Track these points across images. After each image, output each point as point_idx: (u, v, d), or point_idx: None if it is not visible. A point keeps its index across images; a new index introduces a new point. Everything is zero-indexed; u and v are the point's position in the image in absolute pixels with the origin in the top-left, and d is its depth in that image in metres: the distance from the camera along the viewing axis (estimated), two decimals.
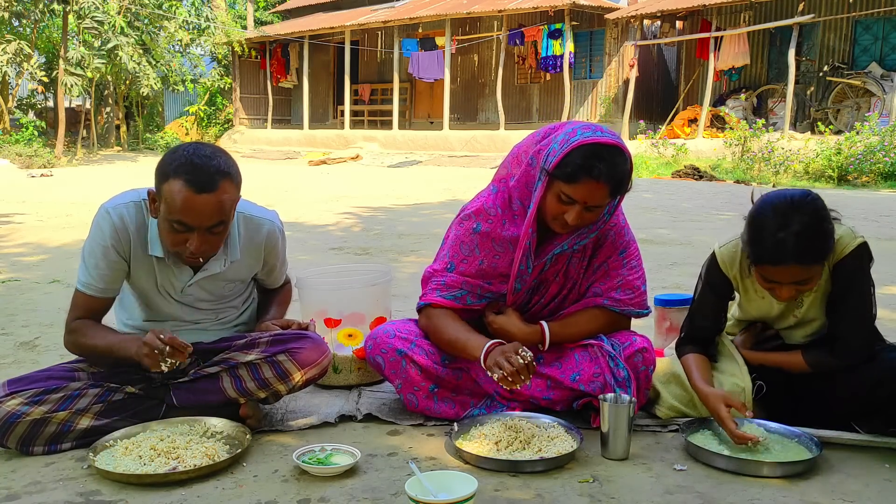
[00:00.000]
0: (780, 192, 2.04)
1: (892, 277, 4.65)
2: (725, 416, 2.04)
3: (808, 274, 1.98)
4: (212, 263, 2.15)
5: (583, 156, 1.98)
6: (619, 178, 2.02)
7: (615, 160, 2.00)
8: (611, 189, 2.02)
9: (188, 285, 2.17)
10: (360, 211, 8.33)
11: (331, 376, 2.57)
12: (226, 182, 1.95)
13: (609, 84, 17.43)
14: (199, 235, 1.95)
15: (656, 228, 6.87)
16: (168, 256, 2.10)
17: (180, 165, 1.91)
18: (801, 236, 1.92)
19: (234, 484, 1.85)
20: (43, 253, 5.57)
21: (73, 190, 10.48)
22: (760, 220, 2.00)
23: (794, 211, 1.95)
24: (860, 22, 14.65)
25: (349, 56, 19.63)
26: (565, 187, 2.02)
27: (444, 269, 2.26)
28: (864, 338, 2.12)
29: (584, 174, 1.98)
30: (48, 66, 19.47)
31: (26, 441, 1.99)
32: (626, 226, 2.28)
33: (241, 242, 2.19)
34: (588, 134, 2.01)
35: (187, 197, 1.90)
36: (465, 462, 1.98)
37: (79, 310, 2.12)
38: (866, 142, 11.78)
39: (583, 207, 2.03)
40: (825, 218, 1.97)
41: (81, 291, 2.10)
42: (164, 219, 1.95)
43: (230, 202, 1.98)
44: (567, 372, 2.22)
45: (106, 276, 2.08)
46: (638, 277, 2.27)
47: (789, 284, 2.01)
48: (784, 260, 1.95)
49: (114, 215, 2.05)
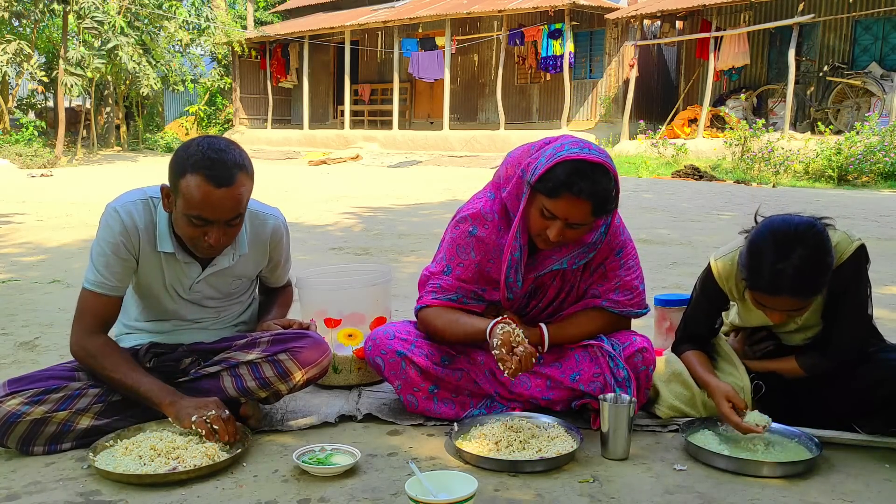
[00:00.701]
0: (784, 219, 1.98)
1: (892, 277, 4.65)
2: (727, 411, 2.05)
3: (803, 304, 1.96)
4: (220, 258, 2.16)
5: (566, 171, 1.96)
6: (601, 197, 1.99)
7: (598, 178, 1.97)
8: (593, 207, 1.99)
9: (196, 282, 2.17)
10: (360, 211, 8.33)
11: (331, 376, 2.57)
12: (242, 175, 1.96)
13: (609, 84, 17.43)
14: (218, 228, 1.97)
15: (656, 228, 6.87)
16: (178, 252, 2.10)
17: (197, 161, 1.92)
18: (800, 270, 1.88)
19: (234, 484, 1.85)
20: (43, 253, 5.57)
21: (72, 190, 10.48)
22: (760, 248, 1.95)
23: (796, 242, 1.90)
24: (860, 22, 14.65)
25: (349, 56, 19.63)
26: (547, 202, 2.00)
27: (441, 273, 2.26)
28: (858, 340, 2.11)
29: (564, 189, 1.96)
30: (48, 66, 19.47)
31: (26, 441, 1.99)
32: (621, 225, 2.27)
33: (249, 237, 2.21)
34: (575, 150, 1.99)
35: (206, 192, 1.91)
36: (465, 462, 1.98)
37: (88, 315, 2.07)
38: (866, 142, 11.78)
39: (564, 224, 2.02)
40: (827, 251, 1.92)
41: (90, 290, 2.06)
42: (182, 214, 1.96)
43: (247, 194, 2.01)
44: (567, 372, 2.22)
45: (116, 273, 2.07)
46: (636, 277, 2.27)
47: (782, 311, 2.00)
48: (780, 292, 1.92)
49: (122, 213, 2.06)
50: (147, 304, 2.22)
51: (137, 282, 2.17)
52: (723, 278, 2.18)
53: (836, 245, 2.02)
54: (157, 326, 2.24)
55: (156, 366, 2.16)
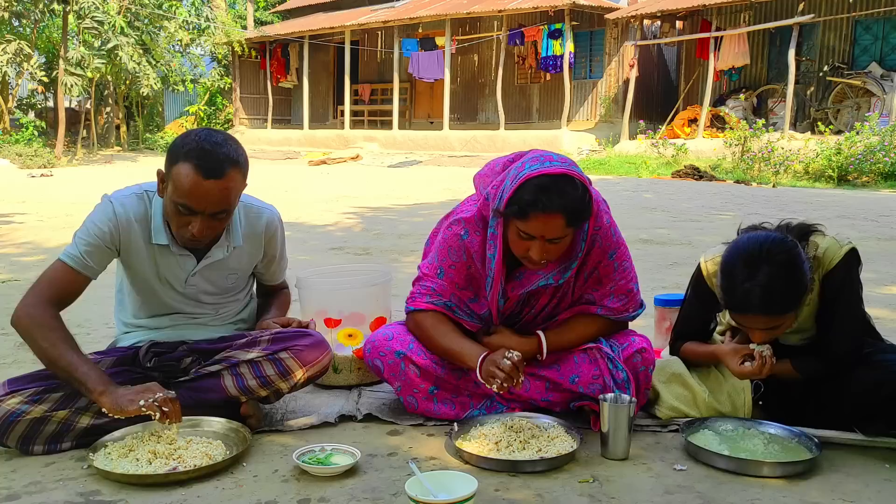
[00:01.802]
0: (752, 238, 1.99)
1: (892, 277, 4.64)
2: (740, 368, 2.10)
3: (778, 322, 1.97)
4: (215, 251, 2.17)
5: (530, 190, 1.94)
6: (572, 207, 1.96)
7: (564, 189, 1.95)
8: (566, 219, 1.97)
9: (191, 275, 2.18)
10: (360, 211, 8.33)
11: (331, 376, 2.57)
12: (233, 170, 1.97)
13: (609, 84, 17.44)
14: (202, 220, 1.98)
15: (656, 228, 6.87)
16: (173, 245, 2.12)
17: (191, 150, 1.94)
18: (768, 288, 1.89)
19: (234, 484, 1.85)
20: (42, 253, 5.56)
21: (73, 190, 10.47)
22: (730, 268, 1.97)
23: (762, 261, 1.91)
24: (860, 22, 14.65)
25: (349, 56, 19.63)
26: (520, 224, 1.99)
27: (435, 275, 2.24)
28: (853, 343, 2.11)
29: (532, 209, 1.95)
30: (48, 66, 19.46)
31: (26, 440, 1.99)
32: (611, 226, 2.22)
33: (243, 230, 2.23)
34: (535, 167, 1.97)
35: (195, 182, 1.93)
36: (465, 462, 1.98)
37: (50, 284, 2.05)
38: (866, 142, 11.79)
39: (543, 241, 2.00)
40: (796, 267, 1.91)
41: (62, 261, 2.06)
42: (170, 200, 1.99)
43: (236, 191, 2.01)
44: (566, 374, 2.21)
45: (93, 254, 2.06)
46: (630, 280, 2.24)
47: (759, 329, 2.01)
48: (749, 310, 1.94)
49: (116, 204, 2.10)
50: (144, 298, 2.23)
51: (132, 275, 2.18)
52: (712, 278, 2.17)
53: (826, 251, 2.03)
54: (155, 322, 2.25)
55: (156, 365, 2.16)
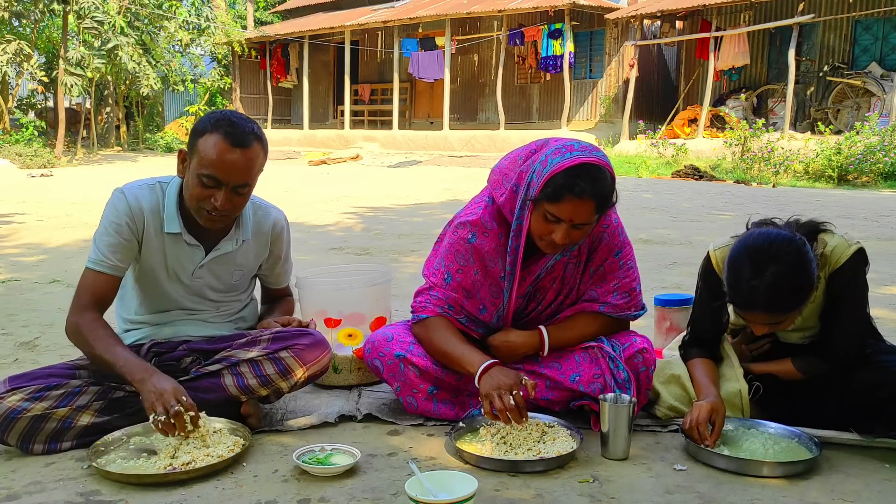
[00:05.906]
0: (761, 234, 1.98)
1: (892, 277, 4.65)
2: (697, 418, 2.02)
3: (781, 318, 1.97)
4: (224, 243, 2.21)
5: (565, 175, 1.98)
6: (603, 194, 2.01)
7: (597, 176, 1.99)
8: (596, 206, 2.01)
9: (199, 267, 2.20)
10: (360, 211, 8.33)
11: (331, 376, 2.57)
12: (258, 144, 2.05)
13: (609, 84, 17.44)
14: (226, 192, 2.02)
15: (656, 228, 6.87)
16: (184, 233, 2.15)
17: (219, 121, 2.02)
18: (773, 287, 1.88)
19: (234, 484, 1.85)
20: (43, 253, 5.57)
21: (72, 190, 10.48)
22: (737, 263, 1.96)
23: (769, 259, 1.90)
24: (860, 22, 14.65)
25: (349, 56, 19.63)
26: (550, 206, 2.01)
27: (443, 282, 2.25)
28: (855, 344, 2.11)
29: (567, 192, 1.98)
30: (48, 66, 19.44)
31: (27, 437, 1.99)
32: (619, 225, 2.28)
33: (252, 226, 2.27)
34: (568, 155, 2.00)
35: (223, 149, 1.99)
36: (465, 462, 1.98)
37: (85, 291, 2.11)
38: (866, 142, 11.79)
39: (570, 226, 2.03)
40: (803, 267, 1.90)
41: (91, 269, 2.11)
42: (195, 173, 2.03)
43: (259, 165, 2.08)
44: (567, 373, 2.22)
45: (117, 252, 2.10)
46: (634, 279, 2.27)
47: (762, 325, 2.01)
48: (754, 308, 1.94)
49: (129, 195, 2.13)
50: (147, 293, 2.23)
51: (140, 266, 2.19)
52: (721, 267, 2.17)
53: (833, 250, 2.02)
54: (156, 318, 2.25)
55: (156, 365, 2.15)
